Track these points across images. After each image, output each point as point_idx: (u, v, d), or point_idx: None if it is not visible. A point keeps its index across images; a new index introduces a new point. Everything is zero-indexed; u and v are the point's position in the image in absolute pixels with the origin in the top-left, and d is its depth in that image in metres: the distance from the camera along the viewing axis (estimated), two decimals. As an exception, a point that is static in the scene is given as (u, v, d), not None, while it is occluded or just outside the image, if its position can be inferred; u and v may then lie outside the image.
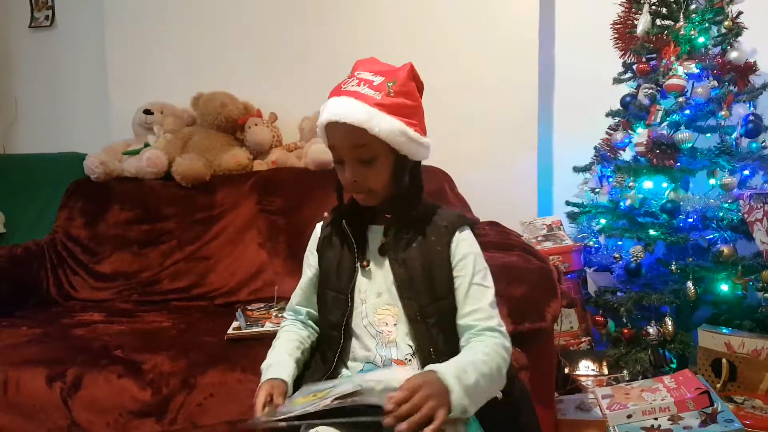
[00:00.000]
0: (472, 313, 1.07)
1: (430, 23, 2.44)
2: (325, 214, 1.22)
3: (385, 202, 1.11)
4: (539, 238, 2.21)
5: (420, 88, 1.12)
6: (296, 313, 1.24)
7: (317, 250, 1.20)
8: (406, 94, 1.07)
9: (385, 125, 1.03)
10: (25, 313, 2.02)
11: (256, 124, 2.41)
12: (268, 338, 1.58)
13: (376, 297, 1.13)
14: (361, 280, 1.13)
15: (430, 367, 0.96)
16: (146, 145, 2.39)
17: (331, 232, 1.18)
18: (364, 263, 1.13)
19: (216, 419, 1.43)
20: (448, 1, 2.42)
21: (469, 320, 1.07)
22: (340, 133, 1.05)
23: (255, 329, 1.66)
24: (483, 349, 1.02)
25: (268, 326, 1.68)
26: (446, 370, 0.95)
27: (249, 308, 1.85)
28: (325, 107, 1.06)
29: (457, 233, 1.12)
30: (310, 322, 1.24)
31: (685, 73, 2.00)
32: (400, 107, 1.06)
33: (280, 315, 1.76)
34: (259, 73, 2.54)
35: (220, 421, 1.42)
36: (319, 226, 1.23)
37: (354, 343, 1.13)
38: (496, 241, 1.76)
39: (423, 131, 1.10)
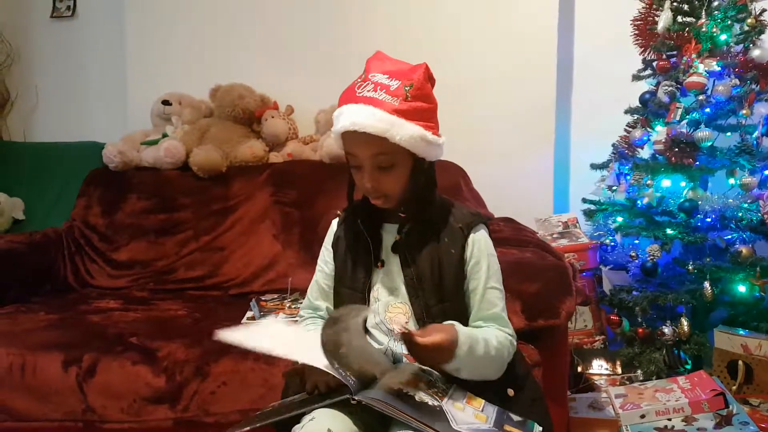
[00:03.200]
0: (488, 319, 1.10)
1: (447, 17, 2.43)
2: (338, 212, 1.21)
3: (401, 202, 1.11)
4: (554, 236, 2.20)
5: (433, 85, 1.11)
6: (315, 310, 1.23)
7: (332, 247, 1.20)
8: (424, 97, 1.06)
9: (405, 133, 1.02)
10: (43, 299, 2.04)
11: (272, 117, 2.42)
12: (281, 329, 1.61)
13: (389, 295, 1.13)
14: (374, 278, 1.14)
15: (451, 322, 1.05)
16: (164, 135, 2.40)
17: (346, 230, 1.18)
18: (379, 264, 1.13)
19: (228, 408, 1.44)
20: (466, -5, 2.41)
21: (482, 324, 1.10)
22: (359, 142, 1.03)
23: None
24: (497, 337, 1.08)
25: (281, 317, 1.69)
26: (462, 331, 1.03)
27: (263, 299, 1.86)
28: (341, 114, 1.04)
29: (472, 235, 1.12)
30: None
31: (706, 71, 1.97)
32: (418, 111, 1.04)
33: (293, 306, 1.77)
34: (276, 65, 2.54)
35: (232, 410, 1.44)
36: (334, 222, 1.22)
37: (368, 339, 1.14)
38: (511, 237, 1.75)
39: (438, 130, 1.10)
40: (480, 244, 1.12)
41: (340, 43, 2.47)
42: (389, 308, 1.13)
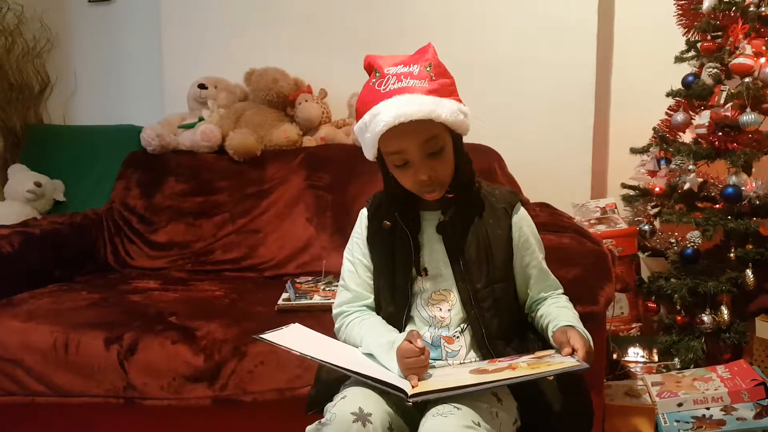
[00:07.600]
0: (548, 288, 1.17)
1: (485, -1, 2.39)
2: (386, 222, 1.14)
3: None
4: (592, 221, 2.16)
5: None
6: (358, 300, 1.18)
7: (367, 242, 1.17)
8: (445, 73, 1.06)
9: (446, 109, 1.02)
10: (84, 279, 2.10)
11: (306, 100, 2.42)
12: (316, 310, 1.63)
13: (432, 285, 1.13)
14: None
15: (567, 324, 1.06)
16: (200, 119, 2.43)
17: (382, 228, 1.14)
18: (423, 273, 1.12)
19: (266, 386, 1.47)
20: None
21: (544, 294, 1.17)
22: (405, 134, 1.01)
23: (304, 301, 1.71)
24: (567, 301, 1.16)
25: (316, 299, 1.71)
26: (578, 326, 1.07)
27: (298, 281, 1.88)
28: (377, 114, 1.01)
29: (515, 215, 1.13)
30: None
31: (753, 52, 1.91)
32: (446, 87, 1.05)
33: (327, 288, 1.79)
34: (310, 49, 2.54)
35: (269, 388, 1.46)
36: (364, 215, 1.19)
37: (408, 326, 1.14)
38: (547, 222, 1.72)
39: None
40: (525, 222, 1.15)
41: (375, 26, 2.44)
42: (432, 296, 1.13)
